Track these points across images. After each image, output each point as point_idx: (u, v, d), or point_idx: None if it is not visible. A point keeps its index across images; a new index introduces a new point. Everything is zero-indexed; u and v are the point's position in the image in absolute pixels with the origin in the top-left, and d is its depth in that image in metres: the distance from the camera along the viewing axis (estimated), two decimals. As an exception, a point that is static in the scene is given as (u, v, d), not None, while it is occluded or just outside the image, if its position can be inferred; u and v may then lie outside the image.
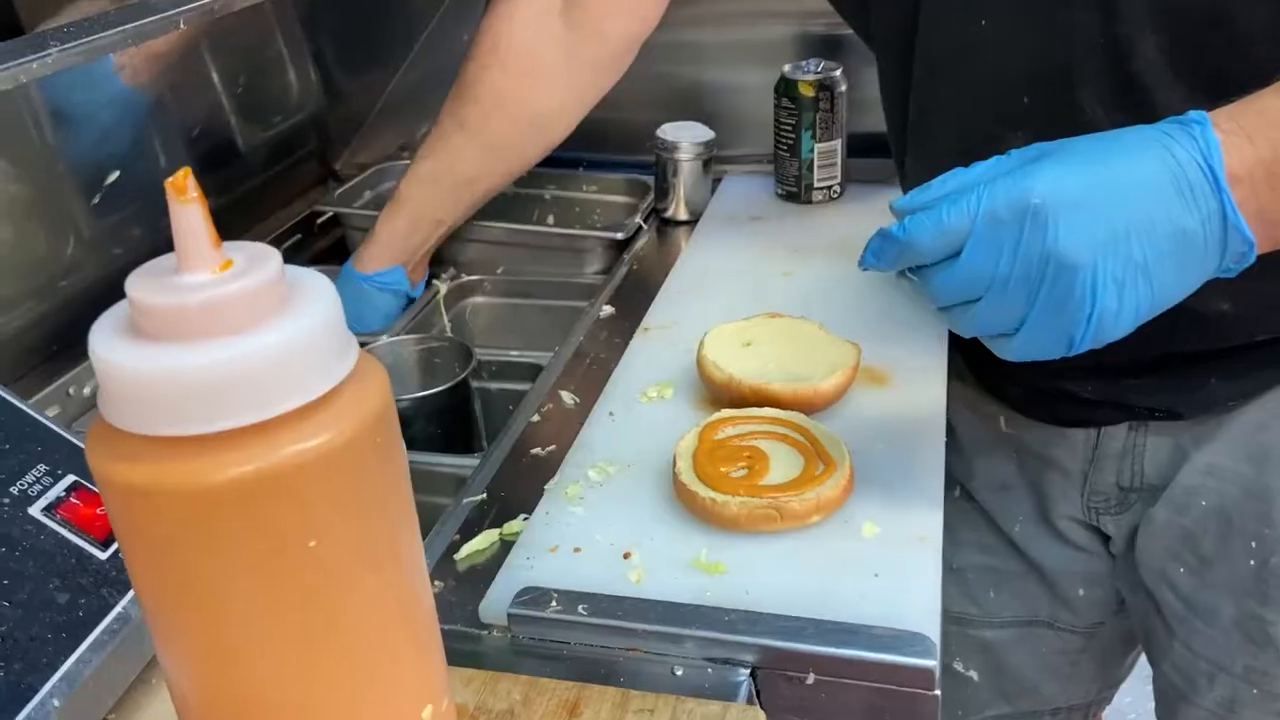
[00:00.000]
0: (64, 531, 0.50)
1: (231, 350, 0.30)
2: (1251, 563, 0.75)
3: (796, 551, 0.61)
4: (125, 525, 0.32)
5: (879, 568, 0.60)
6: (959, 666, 0.96)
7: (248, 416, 0.30)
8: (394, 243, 0.99)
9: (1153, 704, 0.89)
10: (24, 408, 0.54)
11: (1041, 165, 0.51)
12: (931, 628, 0.55)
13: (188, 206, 0.30)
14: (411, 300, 1.02)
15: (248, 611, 0.32)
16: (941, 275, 0.53)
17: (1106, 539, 0.87)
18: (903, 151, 0.84)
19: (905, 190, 0.85)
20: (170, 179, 0.30)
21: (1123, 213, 0.49)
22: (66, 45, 0.55)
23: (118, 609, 0.50)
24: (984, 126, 0.71)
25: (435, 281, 1.05)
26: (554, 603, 0.58)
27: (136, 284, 0.31)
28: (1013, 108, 0.70)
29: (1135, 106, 0.63)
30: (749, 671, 0.56)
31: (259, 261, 0.32)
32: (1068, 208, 0.49)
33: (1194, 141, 0.50)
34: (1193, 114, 0.52)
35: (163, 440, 0.30)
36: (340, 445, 0.32)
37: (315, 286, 0.33)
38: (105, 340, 0.31)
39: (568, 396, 0.80)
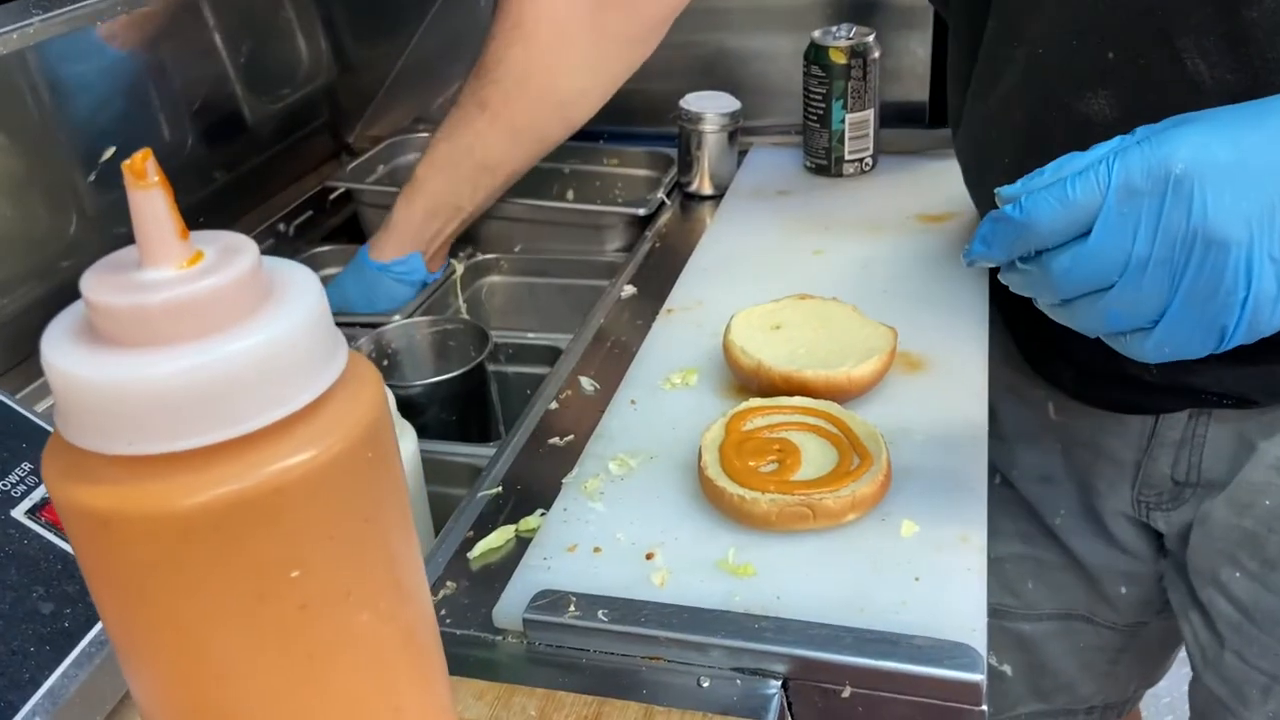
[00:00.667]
0: (49, 535, 0.47)
1: (200, 356, 0.26)
2: None
3: (830, 552, 0.57)
4: (86, 554, 0.29)
5: (919, 570, 0.56)
6: (992, 660, 0.92)
7: (220, 432, 0.27)
8: (411, 230, 0.95)
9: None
10: (9, 403, 0.51)
11: (1184, 129, 0.44)
12: (977, 638, 0.51)
13: (148, 192, 0.26)
14: (423, 289, 0.99)
15: (225, 651, 0.29)
16: (1066, 259, 0.45)
17: (1154, 537, 0.82)
18: (960, 121, 0.78)
19: (962, 168, 0.80)
20: (127, 161, 0.26)
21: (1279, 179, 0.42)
22: (49, 14, 0.51)
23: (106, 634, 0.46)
24: (1060, 89, 0.64)
25: (451, 260, 1.01)
26: (572, 607, 0.55)
27: (92, 282, 0.27)
28: (1096, 64, 0.61)
29: (1246, 62, 0.56)
30: (780, 683, 0.52)
31: (232, 254, 0.28)
32: (1216, 176, 0.42)
33: None
34: None
35: (125, 460, 0.27)
36: (326, 462, 0.28)
37: (297, 281, 0.29)
38: (58, 346, 0.27)
39: (587, 382, 0.76)
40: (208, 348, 0.26)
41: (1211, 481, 0.74)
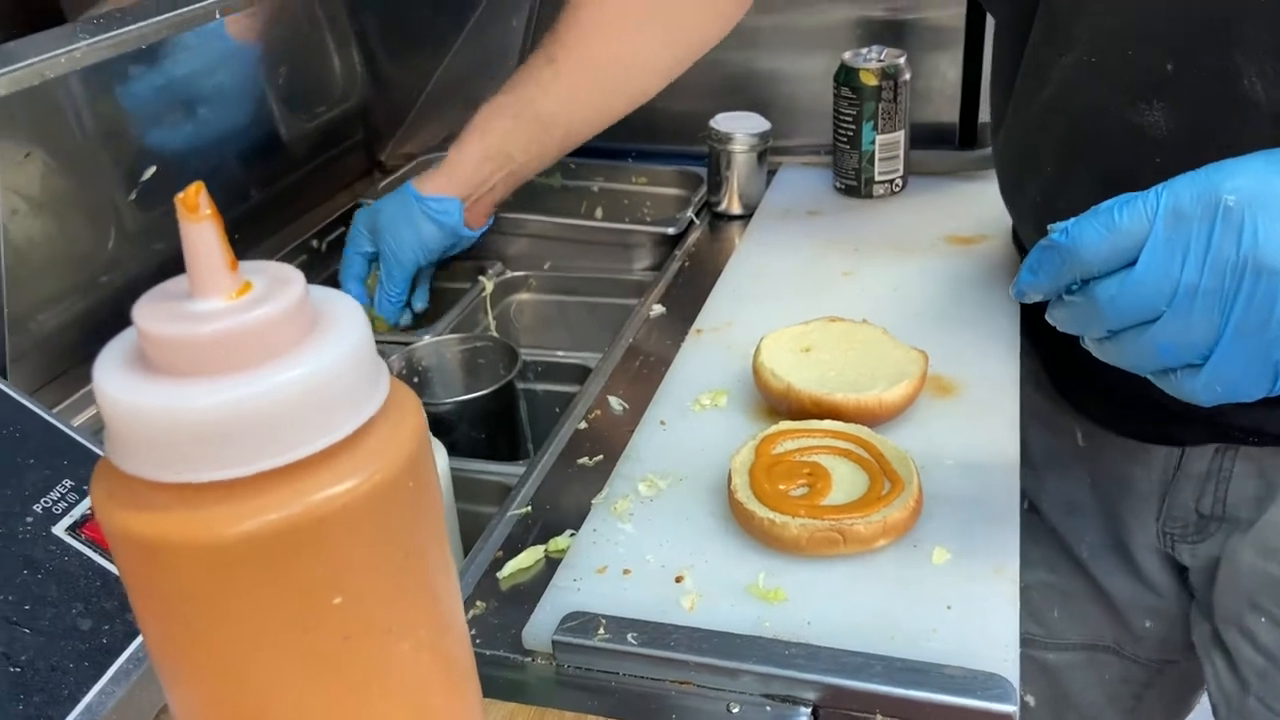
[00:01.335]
0: (88, 552, 0.48)
1: (248, 387, 0.27)
2: None
3: (861, 578, 0.57)
4: (132, 579, 0.29)
5: (951, 599, 0.55)
6: None
7: (266, 461, 0.27)
8: (459, 171, 0.93)
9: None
10: (51, 419, 0.52)
11: (1235, 161, 0.43)
12: (1010, 669, 0.51)
13: (199, 225, 0.27)
14: (458, 244, 0.97)
15: (268, 681, 0.29)
16: (1113, 286, 0.44)
17: (1179, 573, 0.81)
18: (999, 126, 0.76)
19: (1000, 175, 0.79)
20: (180, 195, 0.27)
21: None
22: (97, 38, 0.52)
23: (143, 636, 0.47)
24: (1111, 97, 0.62)
25: (481, 278, 1.02)
26: (601, 629, 0.55)
27: (143, 311, 0.28)
28: (1153, 74, 0.59)
29: None
30: (810, 710, 0.52)
31: (280, 285, 0.28)
32: (1269, 206, 0.41)
33: None
34: None
35: (172, 487, 0.27)
36: (369, 491, 0.29)
37: (342, 312, 0.30)
38: (110, 373, 0.27)
39: (616, 402, 0.77)
40: (256, 378, 0.27)
41: (1237, 518, 0.73)
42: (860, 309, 0.79)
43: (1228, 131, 0.58)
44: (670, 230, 1.02)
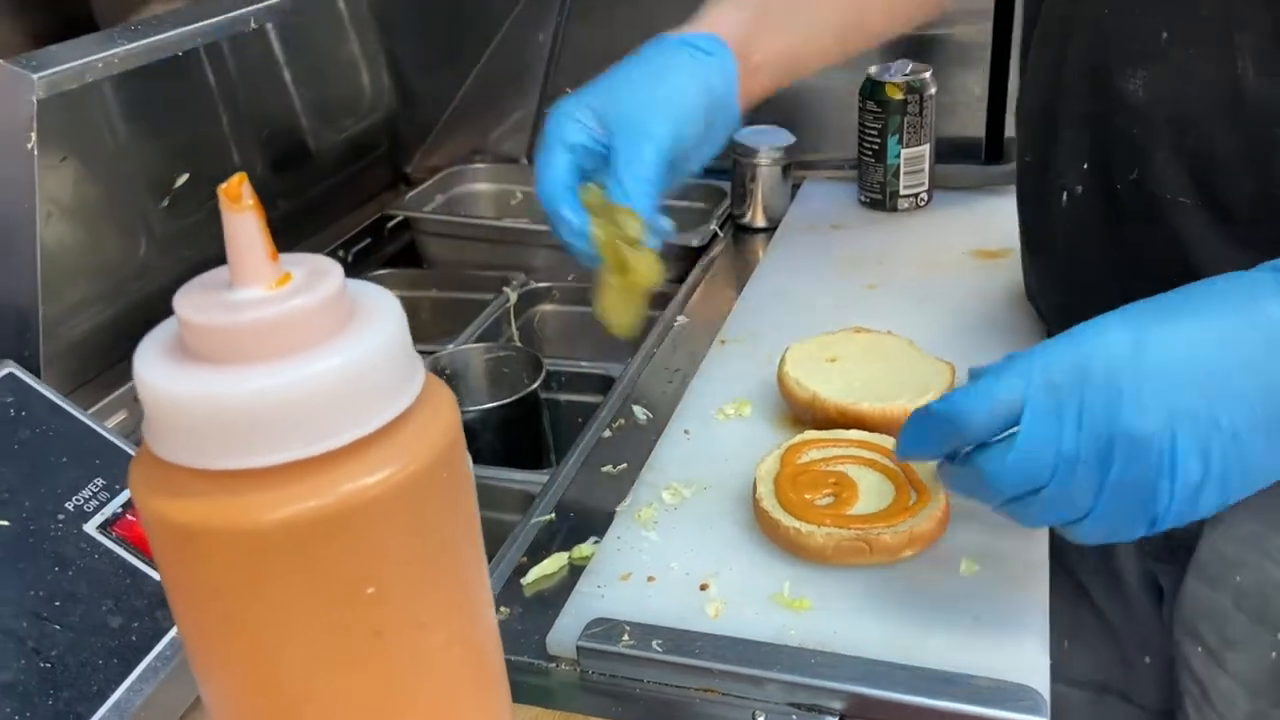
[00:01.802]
0: (119, 550, 0.48)
1: (285, 375, 0.27)
2: (1274, 655, 0.64)
3: (887, 589, 0.57)
4: (168, 567, 0.29)
5: (979, 610, 0.55)
6: None
7: (302, 449, 0.27)
8: (719, 21, 0.72)
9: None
10: (83, 419, 0.52)
11: (1104, 324, 0.45)
12: (1040, 680, 0.51)
13: (242, 215, 0.27)
14: (717, 124, 0.71)
15: (300, 665, 0.29)
16: (996, 458, 0.46)
17: (1162, 598, 0.77)
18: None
19: (1019, 194, 0.78)
20: (224, 185, 0.27)
21: (1201, 374, 0.43)
22: (135, 43, 0.53)
23: (171, 634, 0.47)
24: (1102, 62, 0.61)
25: (505, 289, 1.02)
26: (626, 636, 0.54)
27: (185, 300, 0.28)
28: (1144, 40, 0.58)
29: None
30: (836, 719, 0.51)
31: (319, 276, 0.29)
32: (1135, 371, 0.43)
33: None
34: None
35: (209, 474, 0.27)
36: (403, 481, 0.29)
37: (379, 304, 0.30)
38: (150, 361, 0.28)
39: (640, 411, 0.77)
40: (294, 366, 0.27)
41: (1194, 539, 0.68)
42: (885, 321, 0.78)
43: (1202, 114, 0.57)
44: (694, 242, 1.02)
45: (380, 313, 0.29)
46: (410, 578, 0.30)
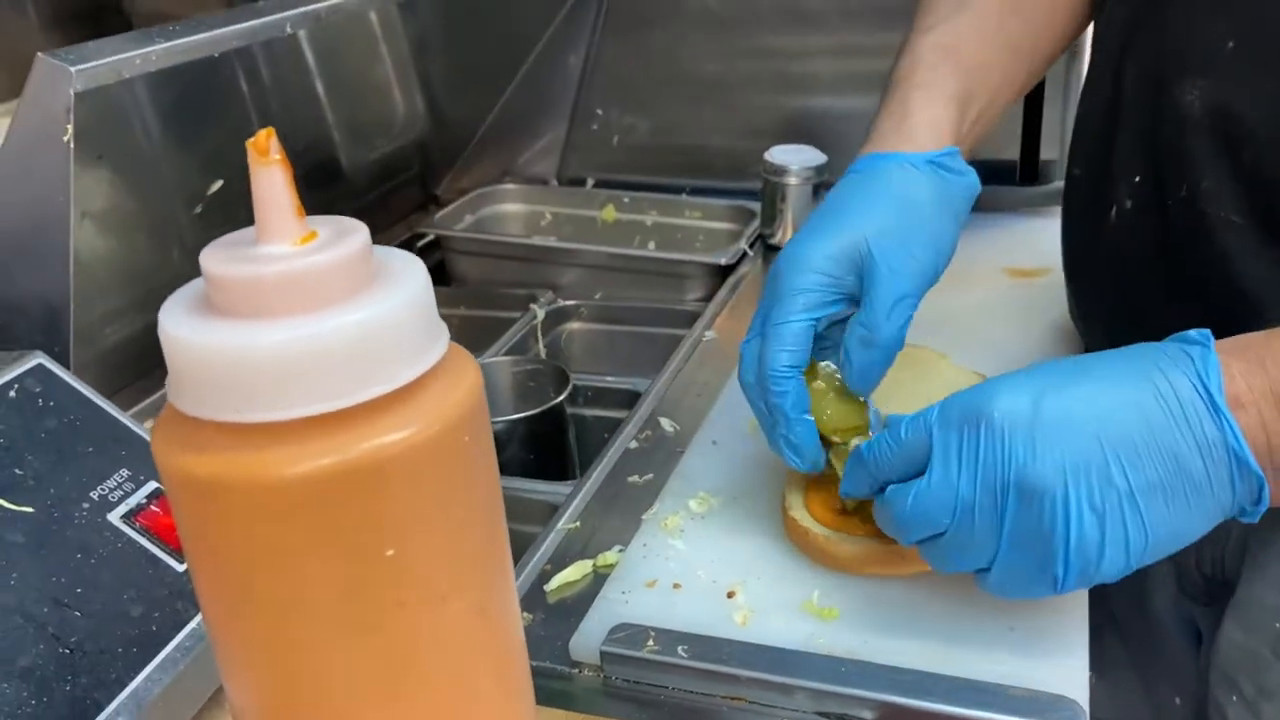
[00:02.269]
0: (142, 540, 0.48)
1: (308, 328, 0.26)
2: None
3: (919, 598, 0.55)
4: (187, 522, 0.29)
5: (1014, 620, 0.53)
6: None
7: (324, 404, 0.27)
8: (939, 124, 0.63)
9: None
10: (111, 410, 0.52)
11: (1006, 380, 0.46)
12: (1079, 692, 0.49)
13: (269, 169, 0.27)
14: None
15: (316, 625, 0.28)
16: (900, 499, 0.47)
17: (1197, 641, 0.74)
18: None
19: (1065, 209, 0.76)
20: (251, 139, 0.27)
21: (1096, 432, 0.43)
22: (170, 42, 0.54)
23: (192, 625, 0.47)
24: (1159, 70, 0.59)
25: (532, 305, 1.02)
26: (651, 641, 0.53)
27: (210, 255, 0.28)
28: (1209, 45, 0.56)
29: None
30: (866, 729, 0.50)
31: (345, 235, 0.28)
32: (1030, 425, 0.44)
33: (1189, 361, 0.44)
34: (1194, 332, 0.46)
35: (230, 428, 0.27)
36: (425, 442, 0.28)
37: (405, 265, 0.29)
38: (174, 314, 0.28)
39: (667, 423, 0.76)
40: (317, 320, 0.27)
41: (1234, 584, 0.66)
42: (918, 336, 0.77)
43: (1261, 130, 0.55)
44: (722, 260, 1.01)
45: (405, 273, 0.29)
46: (431, 547, 0.29)
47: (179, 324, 0.27)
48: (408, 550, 0.29)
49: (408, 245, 1.16)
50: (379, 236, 1.08)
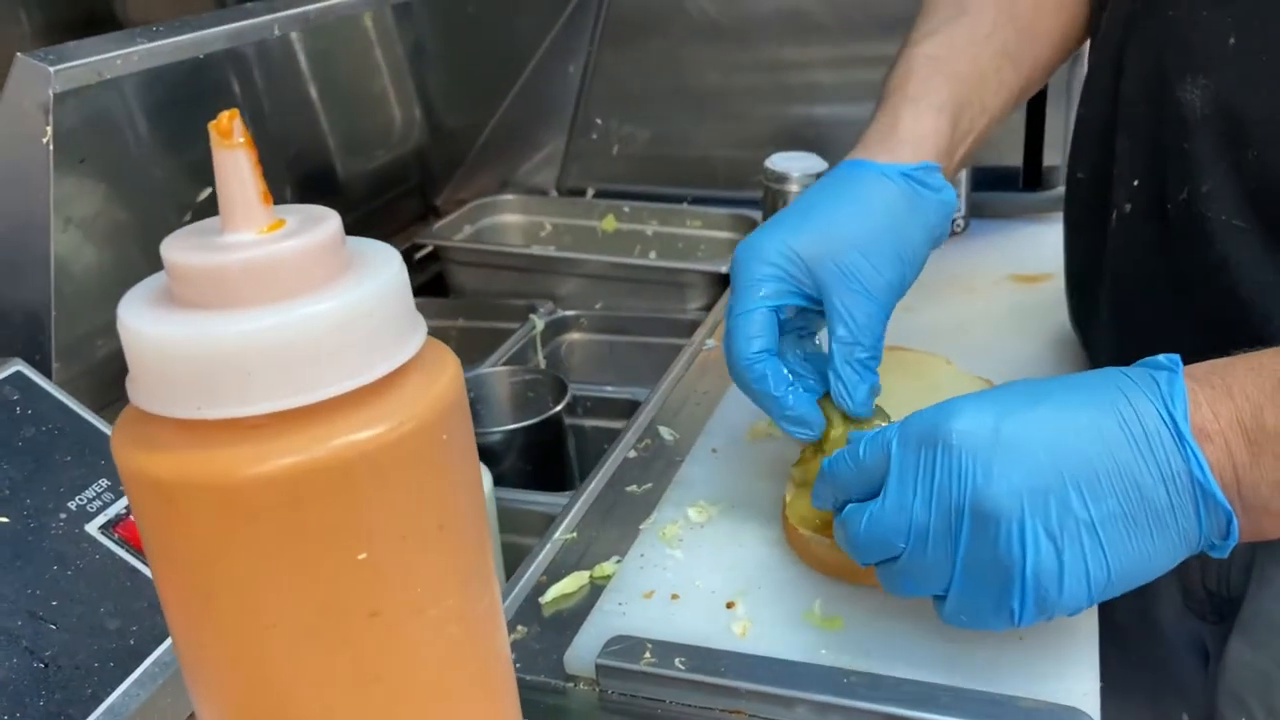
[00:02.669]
0: (120, 551, 0.47)
1: (274, 318, 0.25)
2: None
3: (925, 608, 0.53)
4: (148, 526, 0.27)
5: (1024, 630, 0.51)
6: None
7: (290, 399, 0.25)
8: (921, 139, 0.62)
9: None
10: (90, 419, 0.51)
11: (966, 402, 0.44)
12: (1090, 703, 0.47)
13: (234, 152, 0.26)
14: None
15: (285, 634, 0.27)
16: (855, 519, 0.46)
17: (1204, 659, 0.71)
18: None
19: (1066, 216, 0.75)
20: (213, 121, 0.25)
21: (1056, 458, 0.42)
22: (153, 43, 0.53)
23: (171, 639, 0.45)
24: (1161, 68, 0.57)
25: (532, 316, 1.01)
26: (648, 654, 0.52)
27: (171, 244, 0.26)
28: (1211, 43, 0.54)
29: None
30: (871, 744, 0.48)
31: (314, 222, 0.27)
32: (988, 448, 0.42)
33: (1155, 387, 0.43)
34: (1163, 357, 0.44)
35: (191, 425, 0.25)
36: (398, 440, 0.27)
37: (379, 255, 0.28)
38: (133, 308, 0.26)
39: (667, 432, 0.74)
40: (281, 310, 0.25)
41: (1241, 600, 0.63)
42: (922, 343, 0.76)
43: (1265, 131, 0.53)
44: (723, 269, 1.00)
45: (379, 263, 0.28)
46: (406, 554, 0.28)
47: (137, 316, 0.26)
48: (381, 557, 0.27)
49: (407, 256, 1.15)
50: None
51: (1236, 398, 0.42)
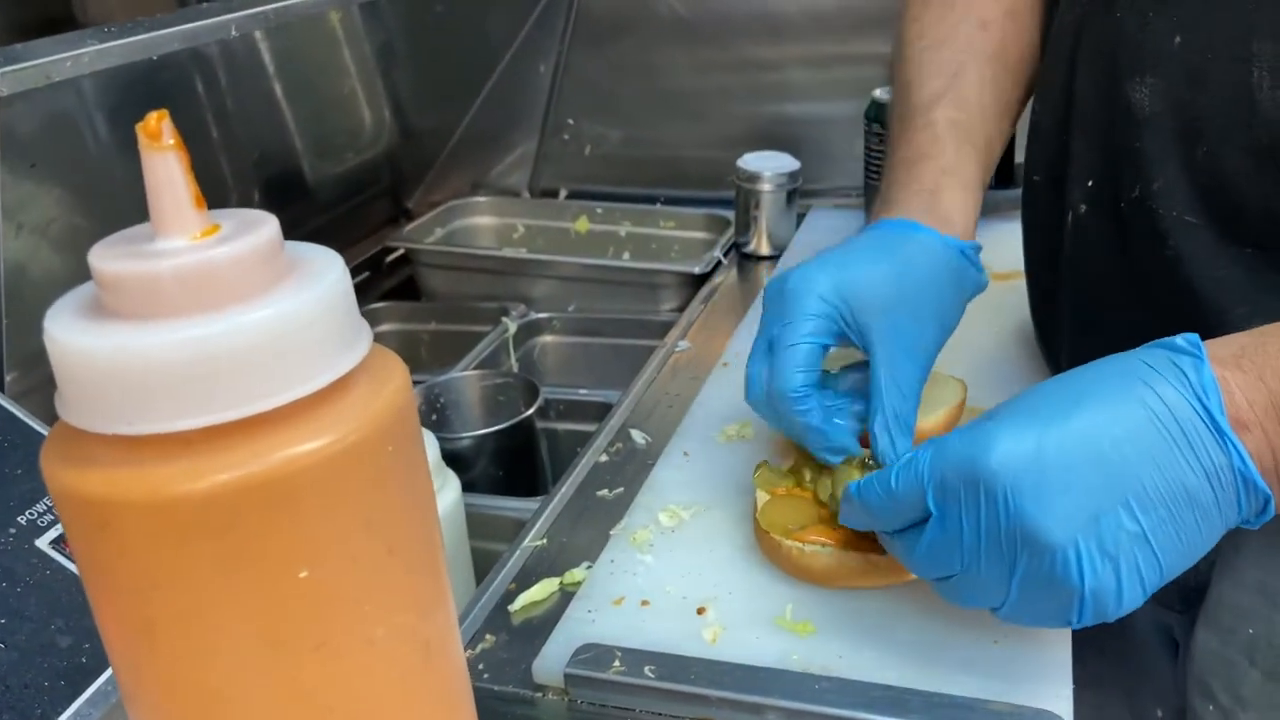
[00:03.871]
0: (72, 567, 0.45)
1: (207, 328, 0.24)
2: None
3: (897, 611, 0.53)
4: (80, 547, 0.26)
5: (997, 633, 0.51)
6: None
7: (226, 412, 0.24)
8: (968, 218, 0.66)
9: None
10: (42, 431, 0.49)
11: (994, 426, 0.43)
12: (1064, 706, 0.47)
13: (163, 155, 0.25)
14: None
15: (224, 658, 0.26)
16: (908, 545, 0.46)
17: (1176, 650, 0.71)
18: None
19: (1024, 219, 0.74)
20: (140, 122, 0.24)
21: (1101, 477, 0.41)
22: (106, 44, 0.51)
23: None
24: (1112, 69, 0.57)
25: (504, 319, 1.00)
26: (617, 662, 0.51)
27: (99, 252, 0.25)
28: (1157, 43, 0.54)
29: None
30: (843, 750, 0.47)
31: (250, 227, 0.26)
32: (1030, 477, 0.42)
33: (1184, 379, 0.42)
34: (1181, 340, 0.43)
35: (122, 441, 0.24)
36: (341, 453, 0.26)
37: (320, 260, 0.27)
38: (60, 319, 0.25)
39: (638, 435, 0.73)
40: (215, 319, 0.24)
41: (1205, 588, 0.63)
42: (893, 340, 0.75)
43: (1214, 128, 0.54)
44: (696, 270, 1.00)
45: (319, 268, 0.27)
46: (354, 579, 0.27)
47: (64, 327, 0.25)
48: (326, 579, 0.26)
49: (378, 259, 1.14)
50: (348, 250, 1.06)
51: (1269, 381, 0.42)
